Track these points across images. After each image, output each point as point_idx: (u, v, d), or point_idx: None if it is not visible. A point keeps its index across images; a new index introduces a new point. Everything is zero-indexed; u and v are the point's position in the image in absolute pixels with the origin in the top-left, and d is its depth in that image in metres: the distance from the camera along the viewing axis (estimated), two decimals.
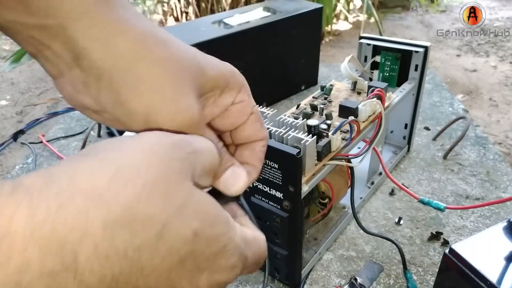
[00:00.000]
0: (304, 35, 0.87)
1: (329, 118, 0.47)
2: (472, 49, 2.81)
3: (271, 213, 0.42)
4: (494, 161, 0.68)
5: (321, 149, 0.41)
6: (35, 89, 2.36)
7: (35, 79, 2.48)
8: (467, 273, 0.33)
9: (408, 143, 0.69)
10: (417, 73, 0.61)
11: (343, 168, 0.50)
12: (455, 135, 0.74)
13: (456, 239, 0.53)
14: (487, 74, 2.44)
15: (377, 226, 0.56)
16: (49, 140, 0.76)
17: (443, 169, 0.66)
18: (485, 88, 2.27)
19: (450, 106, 0.86)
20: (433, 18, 3.49)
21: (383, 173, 0.61)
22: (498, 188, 0.62)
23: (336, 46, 2.84)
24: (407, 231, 0.55)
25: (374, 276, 0.48)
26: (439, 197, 0.60)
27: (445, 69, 2.49)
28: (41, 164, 0.70)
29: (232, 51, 0.74)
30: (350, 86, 0.57)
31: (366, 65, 0.64)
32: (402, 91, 0.58)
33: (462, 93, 2.21)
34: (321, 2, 2.37)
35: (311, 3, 0.91)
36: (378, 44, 0.63)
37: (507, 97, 2.17)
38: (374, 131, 0.49)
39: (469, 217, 0.56)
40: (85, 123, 0.81)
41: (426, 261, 0.50)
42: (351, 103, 0.48)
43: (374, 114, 0.49)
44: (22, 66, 2.56)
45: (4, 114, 2.07)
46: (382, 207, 0.59)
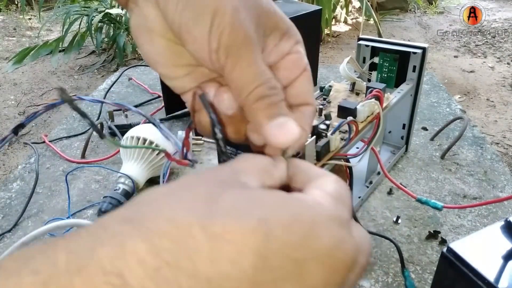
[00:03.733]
0: (304, 36, 0.87)
1: (328, 118, 0.48)
2: (470, 50, 2.82)
3: None
4: (491, 161, 0.69)
5: (320, 149, 0.42)
6: (37, 90, 2.36)
7: (37, 80, 2.48)
8: (465, 272, 0.33)
9: (406, 143, 0.69)
10: (415, 74, 0.62)
11: (342, 167, 0.51)
12: (453, 135, 0.75)
13: (454, 238, 0.54)
14: (485, 75, 2.45)
15: (375, 225, 0.56)
16: (51, 140, 0.77)
17: (441, 169, 0.67)
18: (483, 88, 2.28)
19: (448, 106, 0.87)
20: (431, 19, 3.50)
21: (381, 172, 0.62)
22: (495, 187, 0.63)
23: (335, 47, 2.85)
24: (405, 230, 0.55)
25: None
26: (437, 196, 0.61)
27: (443, 70, 2.50)
28: (43, 164, 0.70)
29: None
30: (349, 87, 0.57)
31: (365, 66, 0.64)
32: (400, 92, 0.59)
33: (460, 94, 2.22)
34: (320, 4, 2.38)
35: (310, 5, 0.92)
36: (377, 46, 0.63)
37: (504, 98, 2.18)
38: (373, 131, 0.49)
39: (466, 216, 0.57)
40: (87, 124, 0.82)
41: (424, 260, 0.51)
42: (349, 103, 0.49)
43: (372, 114, 0.50)
44: (24, 67, 2.57)
45: (7, 115, 2.07)
46: (380, 206, 0.59)
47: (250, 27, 0.21)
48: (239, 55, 0.21)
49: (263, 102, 0.22)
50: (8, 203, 0.62)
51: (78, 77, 2.52)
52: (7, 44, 3.15)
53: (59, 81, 2.48)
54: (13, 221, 0.57)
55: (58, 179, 0.67)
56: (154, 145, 0.61)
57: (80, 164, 0.70)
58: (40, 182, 0.65)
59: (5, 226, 0.57)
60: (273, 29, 0.23)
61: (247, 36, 0.21)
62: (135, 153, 0.61)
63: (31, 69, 2.61)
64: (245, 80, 0.22)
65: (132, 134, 0.62)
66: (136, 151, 0.61)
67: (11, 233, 0.56)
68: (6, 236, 0.56)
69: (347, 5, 3.11)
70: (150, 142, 0.61)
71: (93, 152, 0.73)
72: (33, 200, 0.62)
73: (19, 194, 0.64)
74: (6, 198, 0.63)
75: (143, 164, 0.61)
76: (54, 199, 0.62)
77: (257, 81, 0.21)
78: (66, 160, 0.71)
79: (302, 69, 0.25)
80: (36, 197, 0.63)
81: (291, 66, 0.24)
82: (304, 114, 0.25)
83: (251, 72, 0.21)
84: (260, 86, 0.22)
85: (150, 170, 0.62)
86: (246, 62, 0.21)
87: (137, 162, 0.61)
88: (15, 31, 3.41)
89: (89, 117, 0.22)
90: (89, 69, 2.58)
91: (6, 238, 0.55)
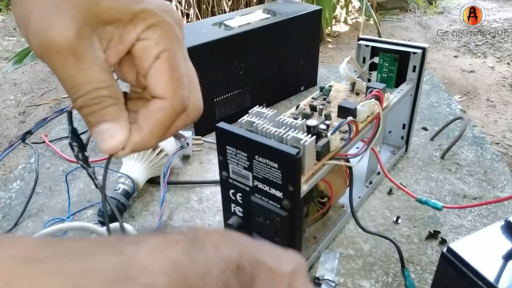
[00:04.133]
0: (304, 36, 0.87)
1: (328, 118, 0.48)
2: (470, 50, 2.82)
3: (271, 212, 0.42)
4: (491, 161, 0.69)
5: (320, 149, 0.42)
6: (37, 90, 2.37)
7: (37, 80, 2.48)
8: (465, 272, 0.33)
9: (406, 143, 0.69)
10: (415, 74, 0.62)
11: (342, 167, 0.51)
12: (453, 135, 0.75)
13: (454, 238, 0.54)
14: (485, 75, 2.45)
15: (375, 225, 0.56)
16: (51, 140, 0.77)
17: (441, 169, 0.67)
18: (483, 88, 2.28)
19: (448, 106, 0.87)
20: (431, 19, 3.50)
21: (381, 172, 0.62)
22: (495, 187, 0.63)
23: (335, 47, 2.85)
24: (405, 230, 0.55)
25: (333, 265, 0.49)
26: (437, 196, 0.61)
27: (443, 70, 2.50)
28: (43, 164, 0.70)
29: (232, 53, 0.75)
30: (349, 87, 0.57)
31: (365, 66, 0.64)
32: (400, 92, 0.59)
33: (460, 94, 2.22)
34: (320, 4, 2.38)
35: (310, 5, 0.92)
36: (377, 46, 0.63)
37: (504, 98, 2.18)
38: (373, 131, 0.49)
39: (466, 216, 0.57)
40: None
41: (424, 260, 0.51)
42: (349, 103, 0.49)
43: (372, 114, 0.50)
44: (24, 67, 2.57)
45: (7, 115, 2.07)
46: (380, 206, 0.59)
47: (65, 32, 0.20)
48: (53, 63, 0.21)
49: (84, 111, 0.22)
50: (8, 203, 0.62)
51: None
52: (7, 44, 3.14)
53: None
54: (13, 221, 0.58)
55: (58, 179, 0.67)
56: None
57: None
58: (40, 182, 0.65)
59: (5, 226, 0.57)
60: (110, 21, 0.22)
61: (58, 45, 0.20)
62: (135, 153, 0.61)
63: (31, 69, 2.61)
64: (66, 87, 0.22)
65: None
66: None
67: (11, 233, 0.56)
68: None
69: (347, 5, 3.11)
70: None
71: (93, 152, 0.73)
72: (33, 200, 0.62)
73: (19, 194, 0.64)
74: (6, 198, 0.63)
75: (143, 164, 0.61)
76: (54, 199, 0.62)
77: (75, 93, 0.21)
78: (66, 160, 0.71)
79: (153, 57, 0.23)
80: (36, 197, 0.63)
81: (140, 55, 0.23)
82: (148, 110, 0.23)
83: (69, 83, 0.21)
84: (80, 99, 0.22)
85: (150, 170, 0.62)
86: (63, 72, 0.21)
87: (137, 162, 0.61)
88: (15, 31, 3.41)
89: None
90: None
91: None
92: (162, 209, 0.57)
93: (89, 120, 0.22)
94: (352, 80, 0.57)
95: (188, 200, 0.61)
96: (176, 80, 0.23)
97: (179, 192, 0.63)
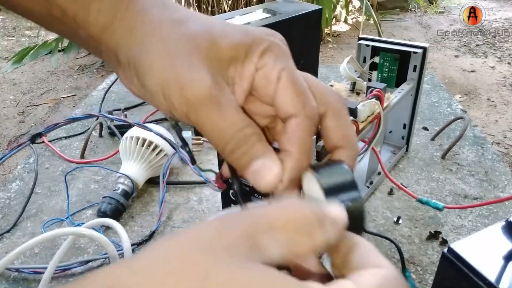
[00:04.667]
0: (304, 36, 0.87)
1: None
2: (471, 50, 2.82)
3: None
4: (492, 161, 0.68)
5: (320, 149, 0.42)
6: (36, 90, 2.37)
7: (36, 80, 2.48)
8: (466, 272, 0.33)
9: (407, 143, 0.69)
10: (415, 74, 0.62)
11: None
12: (454, 135, 0.74)
13: (455, 238, 0.53)
14: (485, 75, 2.45)
15: (376, 225, 0.56)
16: (51, 140, 0.76)
17: (442, 169, 0.67)
18: (483, 88, 2.28)
19: (449, 106, 0.87)
20: (431, 19, 3.50)
21: (382, 172, 0.61)
22: (496, 187, 0.62)
23: (336, 47, 2.85)
24: (406, 230, 0.55)
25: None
26: (438, 196, 0.61)
27: (444, 70, 2.50)
28: (42, 164, 0.70)
29: None
30: (349, 86, 0.57)
31: (365, 66, 0.64)
32: (400, 92, 0.59)
33: (460, 94, 2.21)
34: (320, 3, 2.38)
35: (310, 4, 0.92)
36: (377, 45, 0.63)
37: (505, 98, 2.18)
38: (373, 131, 0.49)
39: (467, 217, 0.57)
40: (87, 124, 0.82)
41: (424, 260, 0.50)
42: (350, 103, 0.48)
43: (373, 114, 0.50)
44: (24, 66, 2.57)
45: (6, 115, 2.07)
46: (381, 207, 0.59)
47: (204, 82, 0.21)
48: (198, 116, 0.22)
49: (235, 155, 0.22)
50: (7, 203, 0.62)
51: (77, 77, 2.52)
52: (7, 43, 3.15)
53: (59, 80, 2.48)
54: (12, 221, 0.57)
55: (57, 179, 0.67)
56: (153, 145, 0.61)
57: (80, 164, 0.69)
58: (39, 182, 0.65)
59: (4, 226, 0.57)
60: (229, 61, 0.23)
61: (200, 96, 0.21)
62: (135, 153, 0.61)
63: (30, 69, 2.61)
64: (214, 138, 0.22)
65: (132, 134, 0.62)
66: (135, 151, 0.61)
67: (10, 234, 0.56)
68: (5, 236, 0.56)
69: (347, 5, 3.11)
70: (150, 142, 0.61)
71: (92, 152, 0.73)
72: (32, 200, 0.61)
73: (18, 194, 0.64)
74: (5, 198, 0.63)
75: (143, 164, 0.61)
76: (53, 199, 0.62)
77: (223, 139, 0.22)
78: (65, 160, 0.71)
79: (274, 79, 0.23)
80: (35, 197, 0.62)
81: (262, 83, 0.23)
82: (287, 133, 0.23)
83: (215, 131, 0.22)
84: (228, 144, 0.22)
85: (150, 170, 0.62)
86: (208, 123, 0.22)
87: (137, 162, 0.61)
88: (14, 31, 3.41)
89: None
90: (88, 69, 2.58)
91: (5, 238, 0.55)
92: (161, 209, 0.56)
93: (241, 163, 0.23)
94: (352, 80, 0.57)
95: (187, 201, 0.61)
96: (302, 94, 0.23)
97: (178, 192, 0.63)
